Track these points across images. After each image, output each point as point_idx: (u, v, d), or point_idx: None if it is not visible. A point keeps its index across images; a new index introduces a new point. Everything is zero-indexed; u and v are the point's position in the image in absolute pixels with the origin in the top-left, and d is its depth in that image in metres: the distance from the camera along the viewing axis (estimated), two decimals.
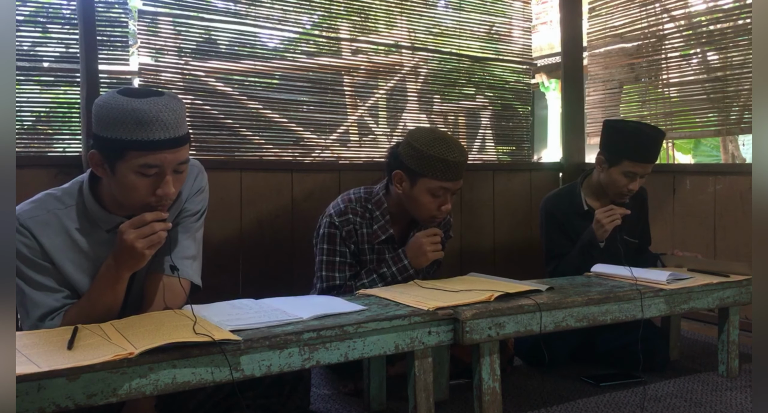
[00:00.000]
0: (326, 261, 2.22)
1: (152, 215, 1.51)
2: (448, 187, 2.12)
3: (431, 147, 2.08)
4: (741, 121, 3.33)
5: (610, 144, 2.51)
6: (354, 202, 2.25)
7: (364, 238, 2.24)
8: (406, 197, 2.18)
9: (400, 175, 2.16)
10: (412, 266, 2.18)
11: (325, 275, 2.22)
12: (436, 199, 2.13)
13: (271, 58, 3.28)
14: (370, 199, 2.27)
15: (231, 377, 1.45)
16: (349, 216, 2.22)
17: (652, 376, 2.37)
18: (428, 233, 2.16)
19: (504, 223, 3.70)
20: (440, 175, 2.09)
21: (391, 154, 2.22)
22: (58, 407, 1.26)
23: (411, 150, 2.12)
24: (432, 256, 2.16)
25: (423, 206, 2.15)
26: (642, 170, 2.47)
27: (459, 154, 2.10)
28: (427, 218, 2.18)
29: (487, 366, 1.84)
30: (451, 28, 3.70)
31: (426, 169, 2.09)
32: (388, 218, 2.25)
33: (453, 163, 2.08)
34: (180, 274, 1.65)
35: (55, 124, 2.84)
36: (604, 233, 2.46)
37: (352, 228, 2.22)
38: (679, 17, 3.56)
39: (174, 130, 1.49)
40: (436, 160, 2.07)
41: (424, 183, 2.11)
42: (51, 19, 2.79)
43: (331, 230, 2.22)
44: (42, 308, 1.56)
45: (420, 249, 2.15)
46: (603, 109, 3.98)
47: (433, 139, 2.11)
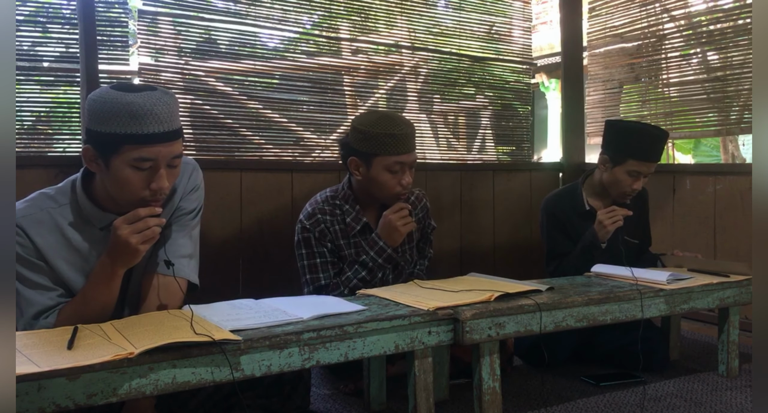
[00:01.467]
0: (308, 265, 2.26)
1: (146, 210, 1.52)
2: (403, 160, 2.16)
3: (376, 126, 2.14)
4: (741, 121, 3.33)
5: (614, 143, 2.50)
6: (321, 202, 2.29)
7: (338, 234, 2.27)
8: (366, 181, 2.21)
9: (356, 161, 2.21)
10: (388, 246, 2.21)
11: (310, 278, 2.25)
12: (394, 175, 2.17)
13: (271, 58, 3.28)
14: (337, 196, 2.31)
15: (231, 377, 1.45)
16: (318, 217, 2.26)
17: (652, 376, 2.37)
18: (394, 209, 2.20)
19: (504, 223, 3.70)
20: (391, 150, 2.13)
21: (342, 144, 2.28)
22: (58, 407, 1.26)
23: (358, 134, 2.17)
24: (404, 230, 2.20)
25: (384, 185, 2.18)
26: (646, 169, 2.47)
27: (405, 126, 2.16)
28: (391, 196, 2.22)
29: (487, 366, 1.84)
30: (451, 28, 3.70)
31: (376, 147, 2.14)
32: (359, 208, 2.29)
33: (401, 136, 2.14)
34: (176, 273, 1.65)
35: (55, 124, 2.84)
36: (606, 234, 2.46)
37: (324, 227, 2.25)
38: (679, 17, 3.56)
39: (168, 124, 1.50)
40: (384, 135, 2.12)
41: (378, 162, 2.16)
42: (51, 19, 2.79)
43: (305, 234, 2.26)
44: (36, 306, 1.56)
45: (390, 226, 2.19)
46: (603, 109, 3.98)
47: (377, 119, 2.17)
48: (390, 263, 2.25)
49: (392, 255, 2.23)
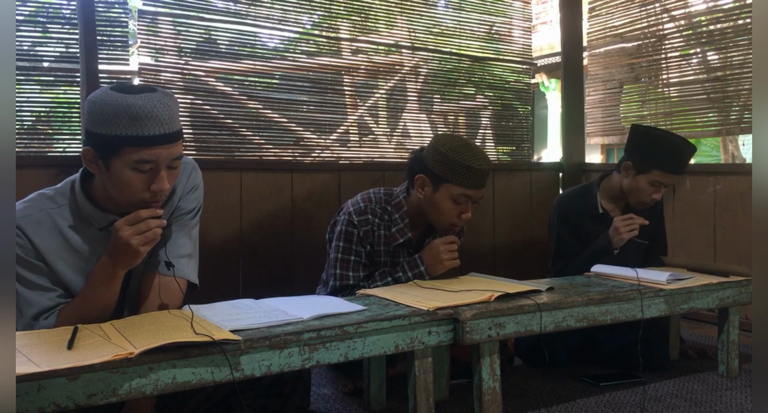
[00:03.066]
0: (341, 260, 2.21)
1: (147, 212, 1.52)
2: (471, 194, 2.11)
3: (457, 153, 2.07)
4: (741, 121, 3.33)
5: (640, 151, 2.46)
6: (374, 202, 2.24)
7: (380, 240, 2.23)
8: (427, 202, 2.16)
9: (423, 179, 2.15)
10: (428, 273, 2.17)
11: (339, 273, 2.20)
12: (457, 206, 2.12)
13: (271, 58, 3.28)
14: (390, 201, 2.25)
15: (231, 377, 1.45)
16: (368, 217, 2.20)
17: (652, 376, 2.37)
18: (446, 240, 2.15)
19: (504, 223, 3.69)
20: (464, 182, 2.08)
21: (415, 157, 2.20)
22: (58, 407, 1.26)
23: (437, 154, 2.10)
24: (448, 265, 2.16)
25: (443, 212, 2.14)
26: (669, 181, 2.44)
27: (484, 163, 2.10)
28: (445, 225, 2.17)
29: (487, 366, 1.84)
30: (451, 28, 3.70)
31: (450, 174, 2.08)
32: (407, 221, 2.23)
33: (478, 171, 2.08)
34: (176, 273, 1.65)
35: (55, 124, 2.84)
36: (620, 241, 2.43)
37: (370, 228, 2.20)
38: (679, 17, 3.56)
39: (168, 126, 1.50)
40: (462, 166, 2.06)
41: (447, 189, 2.10)
42: (51, 19, 2.79)
43: (349, 228, 2.20)
44: (36, 307, 1.56)
45: (437, 258, 2.14)
46: (603, 109, 3.98)
47: (460, 146, 2.11)
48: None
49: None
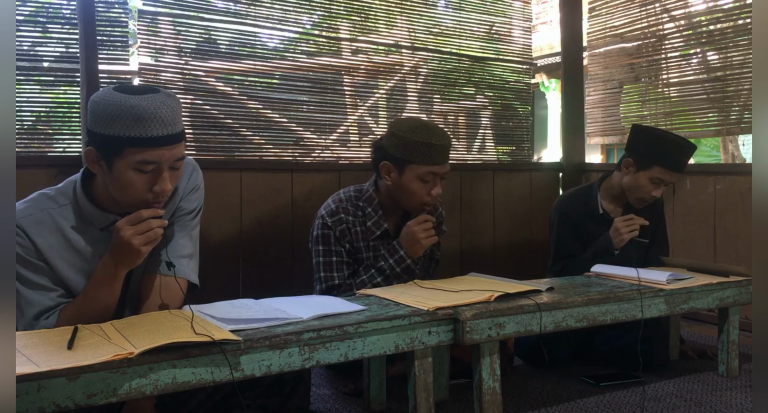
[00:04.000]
0: (323, 262, 2.24)
1: (149, 212, 1.52)
2: (436, 171, 2.15)
3: (415, 133, 2.13)
4: (741, 121, 3.33)
5: (642, 148, 2.48)
6: (345, 201, 2.27)
7: (358, 236, 2.25)
8: (395, 187, 2.20)
9: (388, 166, 2.20)
10: (408, 256, 2.20)
11: (324, 276, 2.23)
12: (425, 185, 2.17)
13: (271, 58, 3.28)
14: (361, 197, 2.29)
15: (231, 377, 1.45)
16: (341, 216, 2.24)
17: (652, 376, 2.37)
18: (419, 220, 2.18)
19: (504, 223, 3.70)
20: (427, 160, 2.13)
21: (376, 147, 2.27)
22: (58, 407, 1.26)
23: (395, 139, 2.16)
24: (426, 243, 2.18)
25: (413, 193, 2.18)
26: (669, 178, 2.45)
27: (443, 138, 2.16)
28: (417, 205, 2.21)
29: (487, 366, 1.84)
30: (451, 28, 3.70)
31: (412, 155, 2.13)
32: (381, 213, 2.27)
33: (438, 147, 2.13)
34: (177, 273, 1.65)
35: (55, 124, 2.84)
36: (620, 241, 2.45)
37: (345, 227, 2.23)
38: (679, 17, 3.56)
39: (171, 127, 1.50)
40: (421, 144, 2.12)
41: (412, 170, 2.15)
42: (51, 19, 2.79)
43: (325, 231, 2.24)
44: (37, 307, 1.56)
45: (413, 238, 2.17)
46: (603, 109, 3.98)
47: (416, 126, 2.17)
48: (407, 274, 2.23)
49: (411, 266, 2.22)
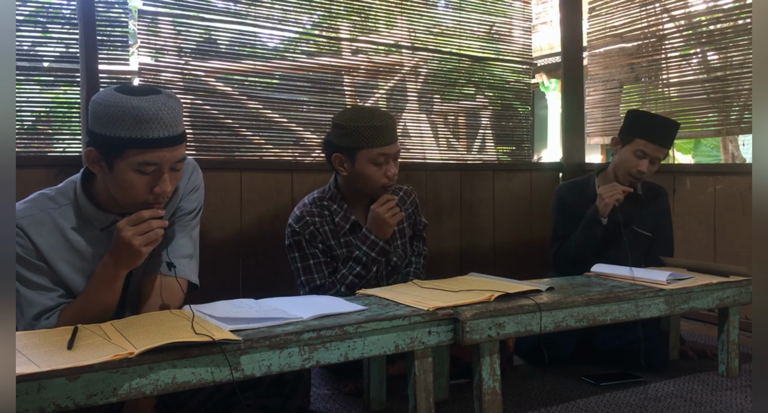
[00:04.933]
0: (302, 267, 2.26)
1: (149, 212, 1.52)
2: (386, 151, 2.17)
3: (356, 120, 2.16)
4: (741, 121, 3.33)
5: (626, 125, 2.62)
6: (308, 205, 2.29)
7: (328, 235, 2.27)
8: (352, 177, 2.22)
9: (339, 158, 2.21)
10: (379, 238, 2.22)
11: (305, 279, 2.25)
12: (379, 168, 2.18)
13: (271, 58, 3.28)
14: (324, 197, 2.31)
15: (231, 377, 1.45)
16: (307, 219, 2.25)
17: (652, 376, 2.37)
18: (380, 202, 2.20)
19: (504, 223, 3.70)
20: (374, 142, 2.15)
21: (324, 143, 2.28)
22: (58, 407, 1.26)
23: (339, 130, 2.18)
24: (392, 221, 2.20)
25: (370, 178, 2.19)
26: (652, 151, 2.52)
27: (385, 118, 2.18)
28: (378, 189, 2.22)
29: (487, 366, 1.84)
30: (451, 28, 3.70)
31: (359, 141, 2.15)
32: (346, 206, 2.29)
33: (382, 127, 2.15)
34: (177, 273, 1.65)
35: (55, 124, 2.84)
36: (605, 207, 2.50)
37: (313, 228, 2.25)
38: (679, 17, 3.56)
39: (173, 129, 1.50)
40: (365, 128, 2.14)
41: (362, 155, 2.17)
42: (51, 19, 2.79)
43: (295, 238, 2.26)
44: (37, 307, 1.56)
45: (379, 218, 2.19)
46: (603, 109, 3.98)
47: (356, 113, 2.20)
48: (383, 256, 2.25)
49: (384, 248, 2.24)
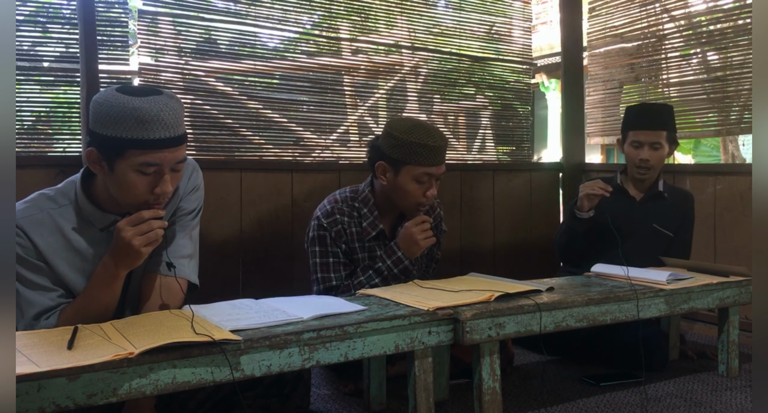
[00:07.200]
0: (320, 263, 2.24)
1: (150, 213, 1.52)
2: (432, 172, 2.15)
3: (411, 134, 2.12)
4: (741, 121, 3.33)
5: (622, 123, 2.68)
6: (340, 202, 2.27)
7: (354, 237, 2.25)
8: (391, 188, 2.20)
9: (384, 166, 2.18)
10: (406, 257, 2.20)
11: (321, 277, 2.23)
12: (421, 186, 2.16)
13: (271, 58, 3.28)
14: (357, 198, 2.28)
15: (231, 377, 1.45)
16: (337, 217, 2.24)
17: (652, 376, 2.37)
18: (416, 221, 2.18)
19: (504, 223, 3.70)
20: (423, 161, 2.12)
21: (372, 146, 2.25)
22: (58, 407, 1.26)
23: (391, 139, 2.15)
24: (424, 244, 2.18)
25: (409, 194, 2.17)
26: (645, 138, 2.55)
27: (439, 139, 2.15)
28: (413, 206, 2.20)
29: (487, 366, 1.84)
30: (451, 28, 3.70)
31: (408, 156, 2.12)
32: (377, 214, 2.27)
33: (434, 148, 2.12)
34: (177, 273, 1.65)
35: (55, 124, 2.84)
36: (579, 201, 2.54)
37: (341, 228, 2.23)
38: (679, 17, 3.56)
39: (174, 130, 1.50)
40: (417, 145, 2.10)
41: (408, 170, 2.14)
42: (51, 19, 2.79)
43: (321, 232, 2.24)
44: (37, 307, 1.56)
45: (411, 239, 2.17)
46: (603, 109, 3.97)
47: (412, 126, 2.15)
48: (405, 275, 2.23)
49: (408, 268, 2.22)
